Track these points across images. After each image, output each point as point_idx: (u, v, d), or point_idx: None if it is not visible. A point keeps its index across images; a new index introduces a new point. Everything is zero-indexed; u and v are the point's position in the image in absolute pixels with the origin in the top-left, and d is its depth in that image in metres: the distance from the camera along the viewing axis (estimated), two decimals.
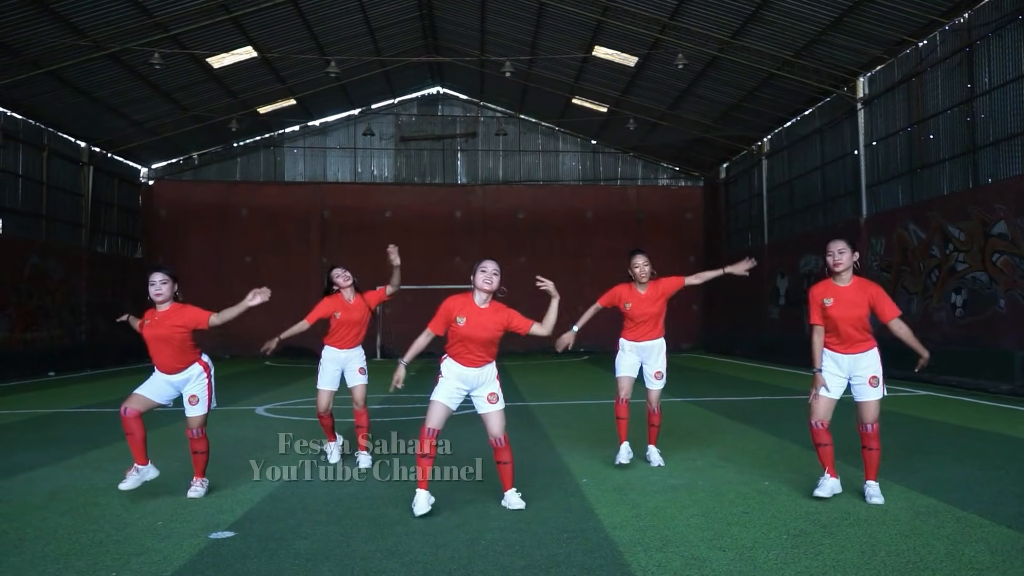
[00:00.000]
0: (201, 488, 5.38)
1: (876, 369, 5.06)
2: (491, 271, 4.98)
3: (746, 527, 4.41)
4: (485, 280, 4.96)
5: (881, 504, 4.83)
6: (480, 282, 4.96)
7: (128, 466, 5.27)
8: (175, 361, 5.31)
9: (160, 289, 5.29)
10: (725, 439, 7.58)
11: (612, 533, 4.33)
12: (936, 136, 15.26)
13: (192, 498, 5.24)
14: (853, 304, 5.03)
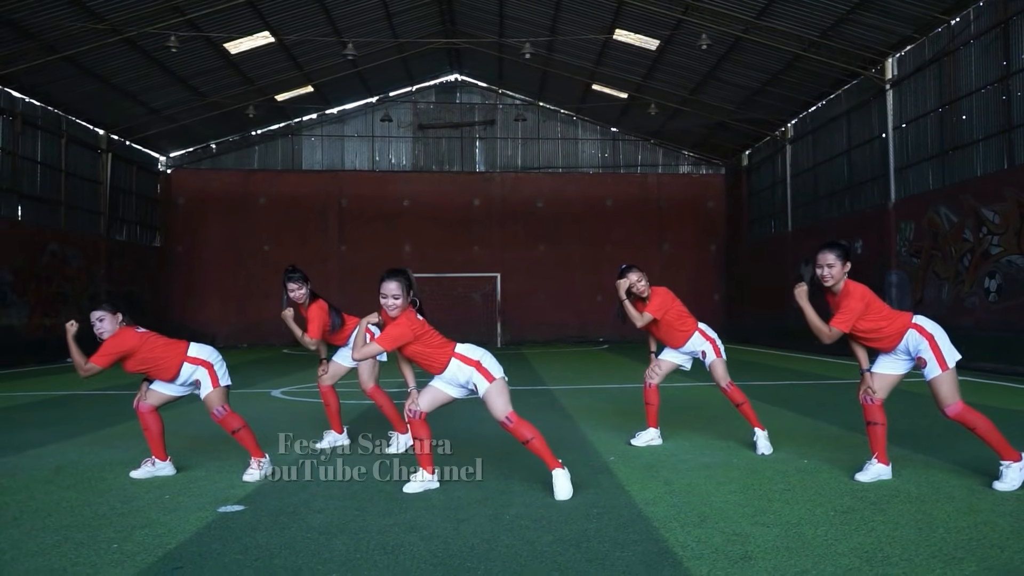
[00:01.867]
0: (257, 470, 4.96)
1: (923, 349, 4.65)
2: (390, 294, 4.41)
3: (789, 504, 4.12)
4: (387, 307, 4.44)
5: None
6: (383, 307, 4.47)
7: (144, 453, 5.08)
8: (164, 375, 5.08)
9: (98, 328, 4.99)
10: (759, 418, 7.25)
11: (645, 509, 4.05)
12: (969, 116, 14.79)
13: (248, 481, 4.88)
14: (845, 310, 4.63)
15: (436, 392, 4.61)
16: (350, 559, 3.30)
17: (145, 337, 5.01)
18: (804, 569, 3.07)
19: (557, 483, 4.34)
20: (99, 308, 5.02)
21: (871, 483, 4.55)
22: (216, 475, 5.05)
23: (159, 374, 5.03)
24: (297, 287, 6.09)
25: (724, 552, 3.31)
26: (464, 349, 4.53)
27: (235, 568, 3.19)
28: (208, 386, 5.04)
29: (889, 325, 4.63)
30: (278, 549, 3.46)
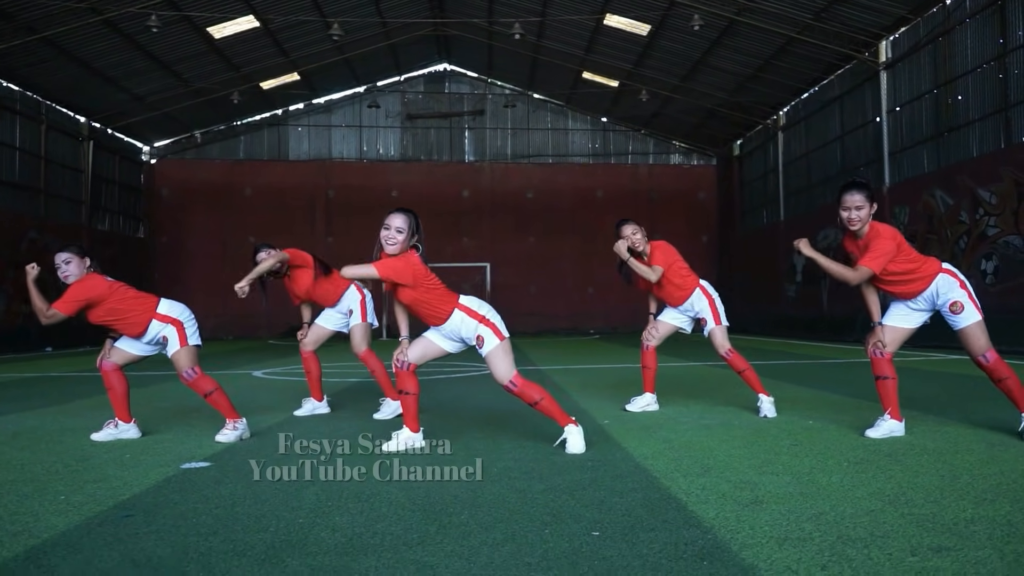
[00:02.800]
0: (232, 431, 4.59)
1: (956, 294, 4.35)
2: (394, 228, 4.08)
3: (797, 456, 3.84)
4: (387, 239, 4.08)
5: None
6: (383, 238, 4.10)
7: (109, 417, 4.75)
8: (130, 331, 4.72)
9: (65, 271, 4.68)
10: None
11: (644, 462, 3.76)
12: (965, 97, 14.59)
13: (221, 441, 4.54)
14: (874, 252, 4.27)
15: (429, 344, 4.28)
16: (320, 507, 2.99)
17: (114, 286, 4.67)
18: (821, 512, 2.78)
19: (571, 439, 4.05)
20: (65, 250, 4.67)
21: (883, 439, 4.27)
22: (184, 437, 4.73)
23: (126, 328, 4.68)
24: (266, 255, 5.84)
25: (732, 497, 3.01)
26: (468, 302, 4.19)
27: (192, 515, 2.87)
28: (175, 344, 4.69)
29: (921, 267, 4.34)
30: (242, 499, 3.14)
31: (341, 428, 5.54)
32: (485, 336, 4.11)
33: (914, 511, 2.75)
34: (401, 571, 2.21)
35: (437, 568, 2.23)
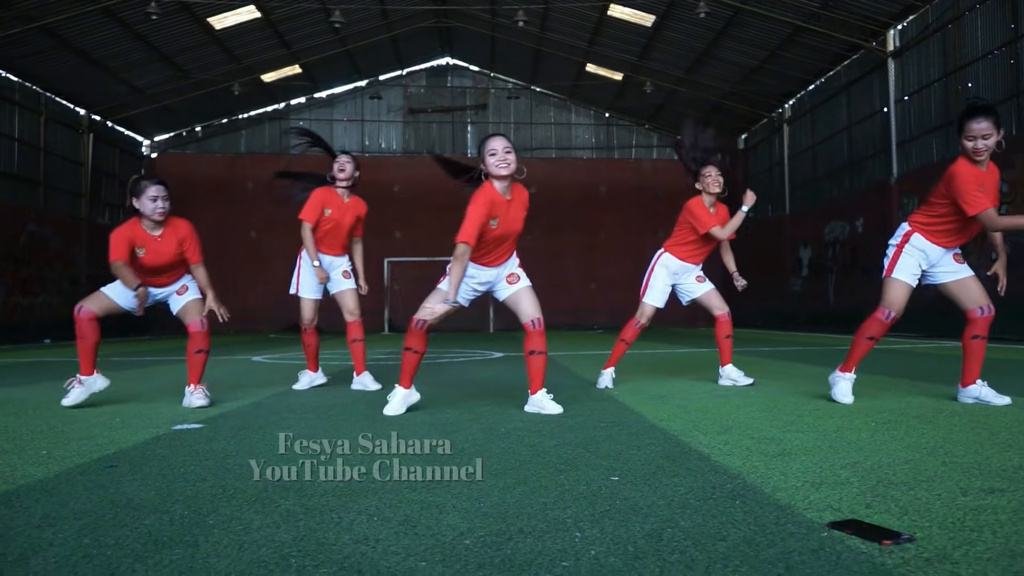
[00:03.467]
0: (203, 396, 4.42)
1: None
2: (502, 149, 3.91)
3: (821, 418, 3.64)
4: (498, 163, 3.89)
5: (1009, 402, 4.00)
6: (494, 169, 3.90)
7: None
8: (170, 278, 4.67)
9: (163, 206, 4.53)
10: (768, 367, 6.80)
11: (660, 423, 3.56)
12: (975, 83, 14.38)
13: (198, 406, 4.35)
14: (994, 191, 4.09)
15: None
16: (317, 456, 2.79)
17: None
18: (855, 461, 2.58)
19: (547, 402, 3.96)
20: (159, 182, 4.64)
21: (910, 403, 4.07)
22: (179, 406, 4.53)
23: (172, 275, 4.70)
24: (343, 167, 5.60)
25: (757, 450, 2.82)
26: None
27: (180, 466, 2.68)
28: (194, 291, 4.63)
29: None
30: (235, 453, 2.96)
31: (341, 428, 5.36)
32: (520, 272, 4.12)
33: (956, 460, 2.56)
34: (404, 510, 2.02)
35: (444, 507, 2.04)
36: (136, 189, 4.47)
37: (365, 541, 1.73)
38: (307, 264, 5.55)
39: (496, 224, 3.94)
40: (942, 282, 4.24)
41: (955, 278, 4.21)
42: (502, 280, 4.13)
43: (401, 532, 1.79)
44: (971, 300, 4.15)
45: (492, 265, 4.08)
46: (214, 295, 4.66)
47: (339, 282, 5.61)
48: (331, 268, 5.62)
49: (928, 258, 4.17)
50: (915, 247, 4.14)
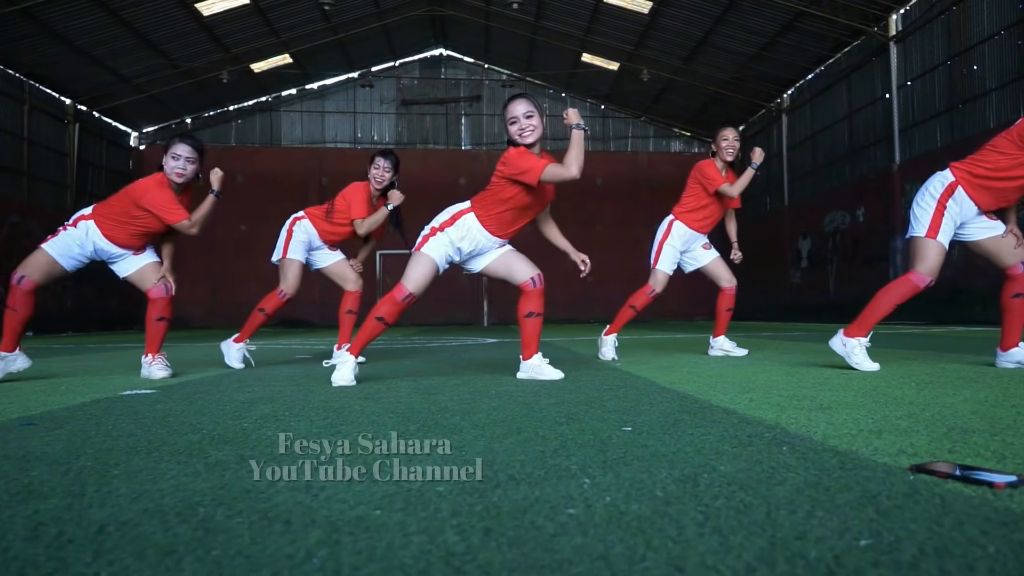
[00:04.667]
0: (163, 366, 4.03)
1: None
2: (523, 115, 3.58)
3: (853, 379, 3.23)
4: (521, 131, 3.59)
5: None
6: (517, 137, 3.60)
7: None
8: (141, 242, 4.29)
9: (185, 167, 4.23)
10: (780, 347, 6.39)
11: (672, 387, 3.15)
12: (981, 66, 14.01)
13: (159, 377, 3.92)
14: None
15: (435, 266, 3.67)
16: (277, 416, 2.37)
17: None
18: (912, 412, 2.17)
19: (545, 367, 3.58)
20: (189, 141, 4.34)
21: (946, 369, 3.66)
22: (137, 376, 4.10)
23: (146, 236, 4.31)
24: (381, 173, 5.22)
25: (791, 405, 2.41)
26: None
27: (109, 424, 2.25)
28: (152, 254, 4.24)
29: None
30: (180, 412, 2.52)
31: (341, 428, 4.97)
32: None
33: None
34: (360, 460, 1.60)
35: (412, 457, 1.62)
36: (167, 145, 4.10)
37: (306, 489, 1.32)
38: (299, 233, 5.16)
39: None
40: (976, 239, 3.83)
41: (992, 234, 3.81)
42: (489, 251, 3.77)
43: (354, 480, 1.37)
44: (1012, 255, 3.74)
45: (499, 236, 3.77)
46: (170, 263, 4.22)
47: (329, 255, 5.26)
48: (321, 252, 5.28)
49: (962, 216, 3.75)
50: (957, 203, 3.70)
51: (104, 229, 4.09)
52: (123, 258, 4.18)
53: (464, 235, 3.61)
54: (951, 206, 3.70)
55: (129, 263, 4.16)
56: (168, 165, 4.05)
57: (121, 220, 4.07)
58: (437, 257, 3.61)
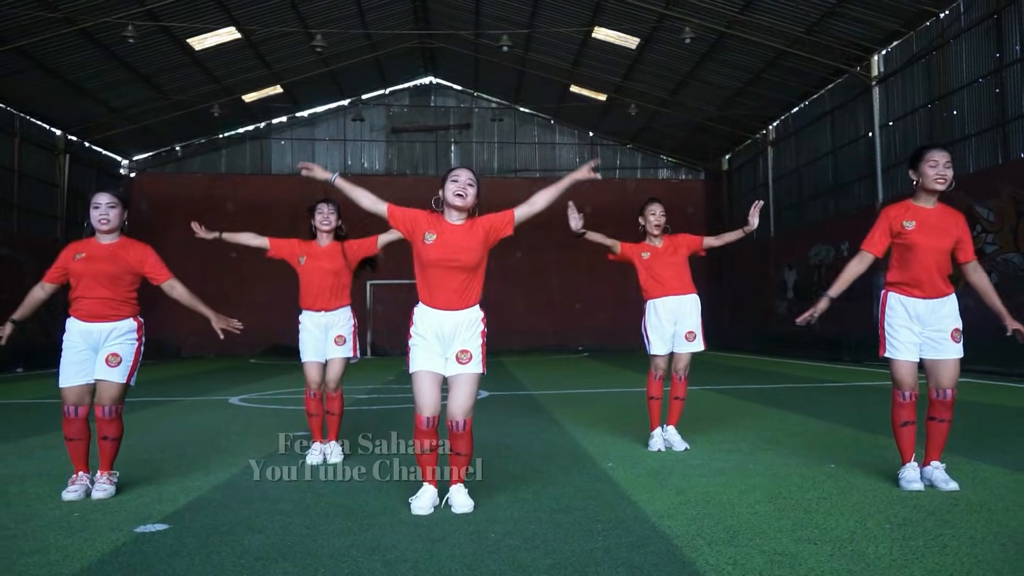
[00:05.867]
0: (109, 486, 4.06)
1: (958, 320, 4.03)
2: (465, 180, 3.76)
3: (832, 515, 3.42)
4: (458, 192, 3.72)
5: (957, 489, 3.82)
6: (451, 196, 3.72)
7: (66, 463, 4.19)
8: (108, 307, 4.17)
9: (106, 213, 4.19)
10: (764, 423, 6.58)
11: (660, 523, 3.33)
12: (960, 111, 14.35)
13: (99, 499, 3.97)
14: (941, 231, 3.97)
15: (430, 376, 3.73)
16: None
17: None
18: None
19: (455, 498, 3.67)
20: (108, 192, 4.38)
21: (920, 491, 3.86)
22: (143, 488, 4.24)
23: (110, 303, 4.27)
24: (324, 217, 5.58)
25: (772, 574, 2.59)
26: None
27: None
28: (123, 375, 4.16)
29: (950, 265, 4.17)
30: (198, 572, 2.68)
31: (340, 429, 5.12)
32: (475, 352, 3.72)
33: None
34: None
35: None
36: (87, 202, 4.21)
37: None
38: (305, 328, 5.30)
39: (432, 240, 3.71)
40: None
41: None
42: (453, 352, 3.70)
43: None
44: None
45: (442, 308, 3.71)
46: (212, 310, 4.36)
47: (331, 348, 5.32)
48: (329, 328, 5.33)
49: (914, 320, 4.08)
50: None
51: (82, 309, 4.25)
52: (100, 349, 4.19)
53: (419, 319, 3.74)
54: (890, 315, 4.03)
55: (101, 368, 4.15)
56: (92, 216, 4.21)
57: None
58: (418, 366, 3.70)
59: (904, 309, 4.02)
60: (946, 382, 3.98)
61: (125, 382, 4.18)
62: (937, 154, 3.98)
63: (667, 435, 5.35)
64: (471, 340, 3.71)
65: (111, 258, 4.21)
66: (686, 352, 5.40)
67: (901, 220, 4.01)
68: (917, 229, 3.96)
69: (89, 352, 4.17)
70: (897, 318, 4.02)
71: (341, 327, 5.37)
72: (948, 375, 3.98)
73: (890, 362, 4.04)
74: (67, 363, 4.15)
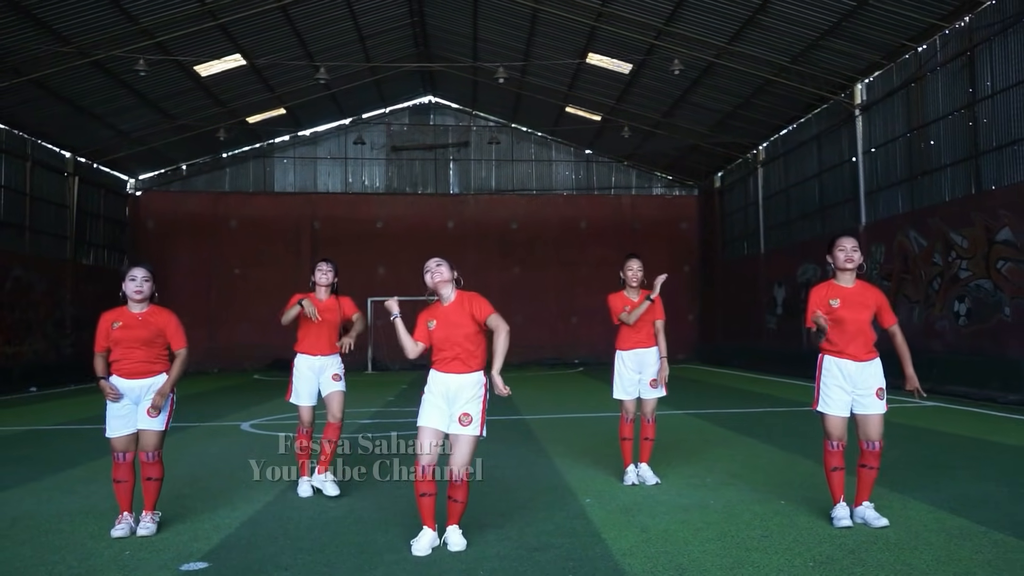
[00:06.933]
0: (152, 524, 4.68)
1: (882, 380, 4.69)
2: (434, 266, 4.48)
3: (766, 552, 4.06)
4: (433, 276, 4.46)
5: (887, 525, 4.46)
6: (428, 280, 4.48)
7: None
8: (145, 366, 4.81)
9: (141, 286, 4.83)
10: (732, 454, 7.21)
11: (622, 561, 3.96)
12: (937, 142, 15.01)
13: (144, 536, 4.59)
14: (861, 305, 4.68)
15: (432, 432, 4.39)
16: None
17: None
18: None
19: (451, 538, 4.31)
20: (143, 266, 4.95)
21: (849, 527, 4.50)
22: (179, 526, 4.87)
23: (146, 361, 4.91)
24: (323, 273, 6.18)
25: None
26: None
27: None
28: (162, 423, 4.84)
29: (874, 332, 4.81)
30: None
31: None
32: (475, 415, 4.33)
33: None
34: None
35: None
36: (122, 273, 4.87)
37: None
38: (299, 371, 5.92)
39: (435, 325, 4.41)
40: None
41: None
42: (458, 410, 4.31)
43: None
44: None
45: (445, 371, 4.36)
46: (170, 386, 4.83)
47: (329, 384, 5.96)
48: (322, 370, 5.96)
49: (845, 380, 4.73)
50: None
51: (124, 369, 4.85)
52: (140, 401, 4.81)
53: (431, 380, 4.41)
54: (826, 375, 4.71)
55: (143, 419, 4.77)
56: (128, 289, 4.81)
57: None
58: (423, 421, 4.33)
59: (838, 369, 4.66)
60: (873, 434, 4.62)
61: (164, 429, 4.82)
62: (845, 241, 4.75)
63: (640, 471, 5.97)
64: (472, 403, 4.33)
65: (144, 325, 4.83)
66: (651, 398, 6.00)
67: (827, 299, 4.66)
68: (842, 305, 4.62)
69: (132, 406, 4.79)
70: (831, 378, 4.67)
71: (336, 367, 6.03)
72: (875, 428, 4.63)
73: (822, 416, 4.69)
74: (112, 416, 4.78)
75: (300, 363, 5.97)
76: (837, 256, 4.74)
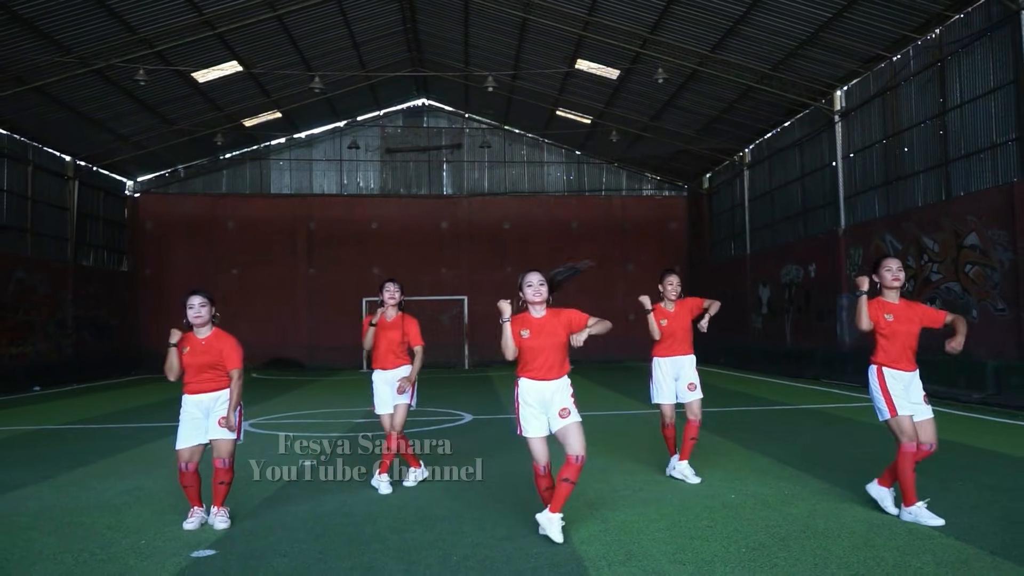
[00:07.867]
0: (227, 519, 5.20)
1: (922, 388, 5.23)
2: (536, 283, 4.95)
3: (707, 540, 4.61)
4: (534, 293, 4.93)
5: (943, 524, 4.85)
6: (530, 296, 4.93)
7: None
8: (212, 383, 5.32)
9: (199, 312, 5.31)
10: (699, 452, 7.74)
11: (580, 548, 4.51)
12: (910, 149, 15.57)
13: (222, 528, 5.11)
14: (909, 320, 5.21)
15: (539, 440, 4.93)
16: None
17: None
18: None
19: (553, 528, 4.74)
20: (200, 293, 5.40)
21: (784, 519, 5.05)
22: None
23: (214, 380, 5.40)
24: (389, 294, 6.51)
25: None
26: None
27: None
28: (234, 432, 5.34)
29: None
30: None
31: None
32: (571, 407, 4.90)
33: None
34: None
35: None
36: (181, 302, 5.41)
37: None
38: (377, 383, 6.43)
39: (528, 335, 4.90)
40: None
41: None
42: (555, 409, 4.86)
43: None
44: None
45: (540, 378, 4.90)
46: (234, 404, 5.28)
47: (395, 397, 6.38)
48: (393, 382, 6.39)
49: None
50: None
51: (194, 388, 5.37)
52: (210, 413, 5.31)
53: (524, 390, 4.92)
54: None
55: (214, 429, 5.27)
56: (189, 315, 5.31)
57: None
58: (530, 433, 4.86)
59: (895, 379, 5.16)
60: (933, 437, 5.11)
61: (236, 438, 5.34)
62: (891, 262, 5.26)
63: (681, 468, 6.42)
64: (566, 399, 4.91)
65: (207, 351, 5.34)
66: (695, 399, 6.53)
67: (882, 313, 5.19)
68: (896, 320, 5.18)
69: (201, 418, 5.32)
70: (895, 384, 5.15)
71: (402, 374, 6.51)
72: (933, 431, 5.11)
73: (898, 421, 5.10)
74: (184, 428, 5.30)
75: (375, 377, 6.48)
76: (884, 276, 5.23)
